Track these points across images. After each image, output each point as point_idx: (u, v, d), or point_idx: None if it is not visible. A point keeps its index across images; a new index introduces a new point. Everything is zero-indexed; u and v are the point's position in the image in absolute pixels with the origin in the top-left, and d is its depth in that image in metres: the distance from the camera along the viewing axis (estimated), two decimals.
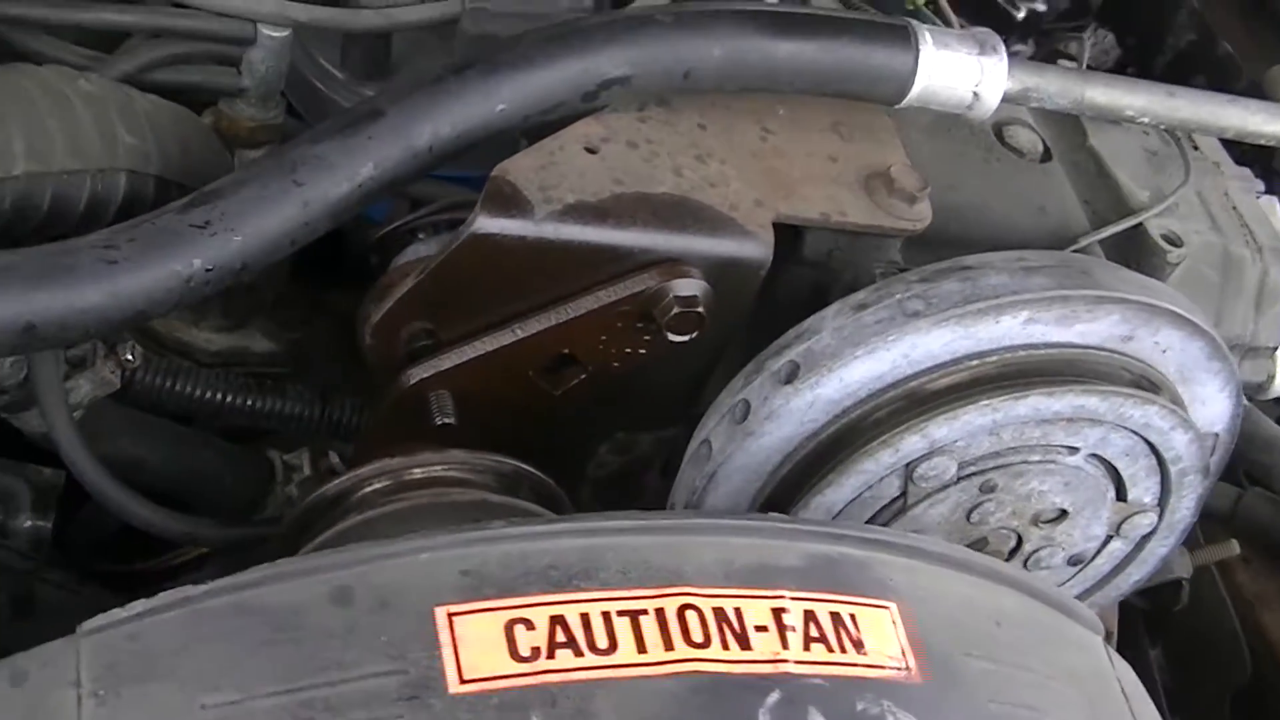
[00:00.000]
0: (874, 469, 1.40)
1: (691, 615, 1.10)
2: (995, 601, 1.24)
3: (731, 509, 1.45)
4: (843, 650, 1.13)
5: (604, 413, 1.51)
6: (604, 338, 1.40)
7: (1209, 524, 2.15)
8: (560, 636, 1.07)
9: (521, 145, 1.41)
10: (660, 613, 1.10)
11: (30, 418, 1.46)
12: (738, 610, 1.12)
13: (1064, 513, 1.50)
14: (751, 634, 1.11)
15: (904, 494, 1.43)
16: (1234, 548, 1.99)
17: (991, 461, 1.43)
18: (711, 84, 1.42)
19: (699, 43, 1.40)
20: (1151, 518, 1.54)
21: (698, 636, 1.09)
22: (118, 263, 1.22)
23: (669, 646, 1.09)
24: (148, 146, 1.40)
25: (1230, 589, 2.14)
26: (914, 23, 1.46)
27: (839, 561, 1.19)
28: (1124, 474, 1.50)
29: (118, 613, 1.09)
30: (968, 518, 1.47)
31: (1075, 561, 1.57)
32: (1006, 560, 1.52)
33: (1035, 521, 1.50)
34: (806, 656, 1.11)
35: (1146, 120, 1.55)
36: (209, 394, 1.58)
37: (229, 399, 1.59)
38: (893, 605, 1.17)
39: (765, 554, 1.17)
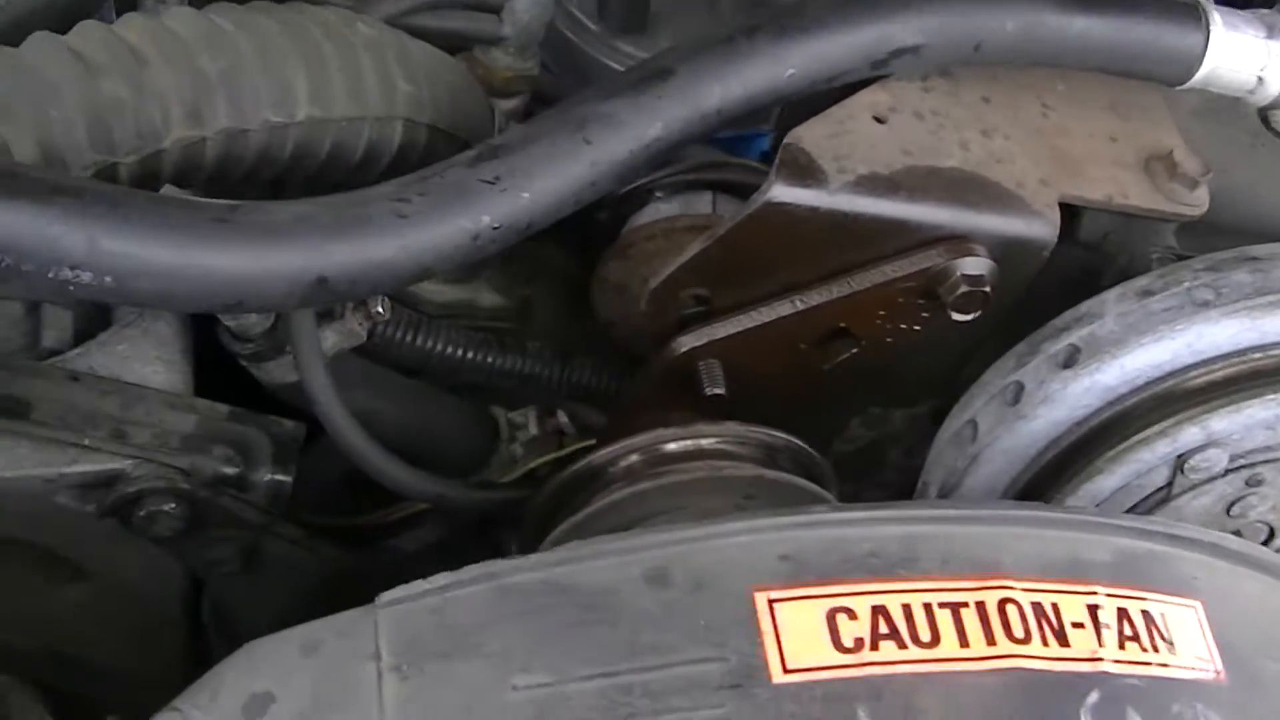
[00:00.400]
0: (1149, 458, 1.37)
1: (1011, 609, 1.08)
2: None
3: (989, 491, 1.43)
4: (1155, 650, 1.10)
5: (865, 387, 1.48)
6: (882, 313, 1.37)
7: None
8: (883, 628, 1.05)
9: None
10: (981, 606, 1.08)
11: (272, 368, 1.43)
12: (1055, 605, 1.09)
13: None
14: (1069, 630, 1.09)
15: (1170, 484, 1.40)
16: None
17: (1261, 455, 1.40)
18: (1000, 57, 1.38)
19: (993, 15, 1.36)
20: None
21: (1019, 632, 1.07)
22: (409, 217, 1.19)
23: (991, 641, 1.06)
24: (422, 95, 1.37)
25: None
26: (1204, 2, 1.42)
27: (1146, 557, 1.17)
28: None
29: (419, 584, 1.08)
30: (1228, 511, 1.44)
31: None
32: None
33: None
34: (1122, 655, 1.09)
35: None
36: (449, 349, 1.55)
37: (469, 355, 1.56)
38: (1198, 604, 1.15)
39: (1077, 548, 1.15)
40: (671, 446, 1.33)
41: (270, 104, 1.26)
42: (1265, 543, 1.49)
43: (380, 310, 1.44)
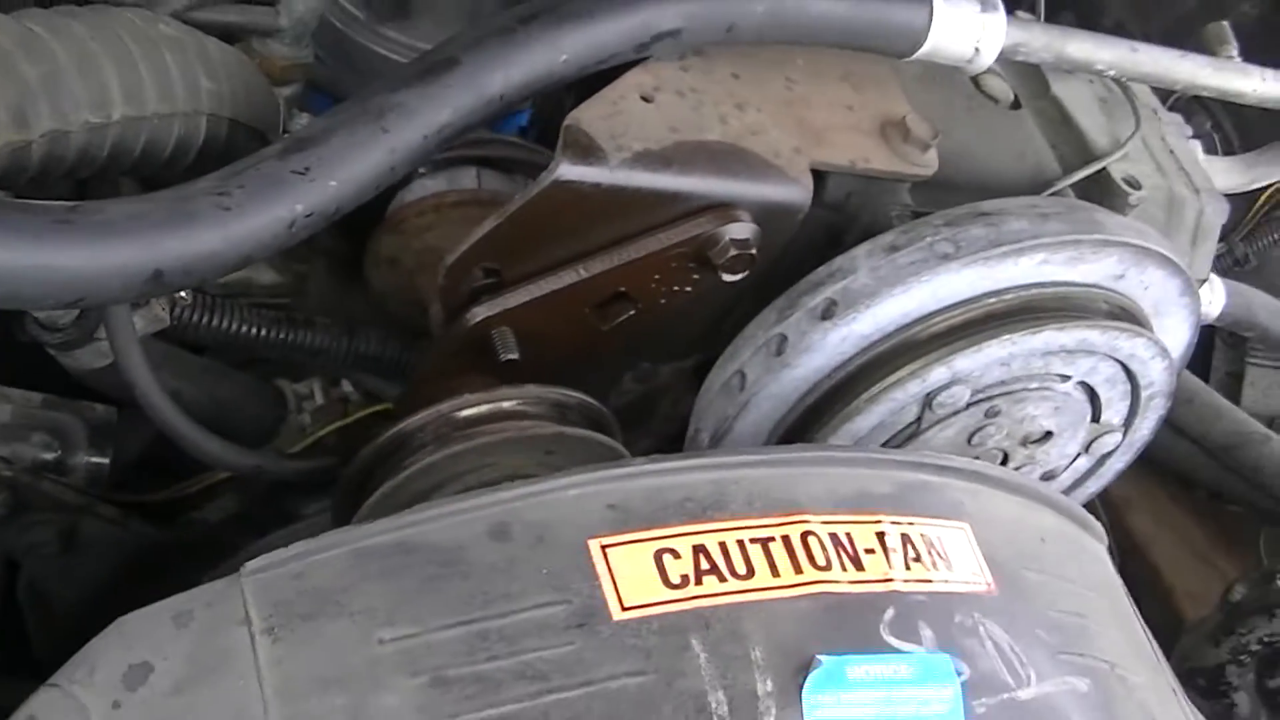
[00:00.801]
0: (902, 397, 1.51)
1: (813, 540, 1.21)
2: (1038, 519, 1.38)
3: (756, 435, 1.56)
4: (936, 569, 1.24)
5: (638, 345, 1.59)
6: (658, 277, 1.48)
7: None
8: (704, 564, 1.17)
9: None
10: (786, 539, 1.20)
11: (81, 354, 1.48)
12: (849, 535, 1.23)
13: (1049, 434, 1.63)
14: (863, 556, 1.22)
15: (919, 419, 1.55)
16: None
17: (998, 390, 1.56)
18: (750, 37, 1.50)
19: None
20: (1117, 437, 1.69)
21: (820, 560, 1.20)
22: (231, 209, 1.25)
23: (798, 570, 1.19)
24: (222, 89, 1.43)
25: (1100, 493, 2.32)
26: None
27: (921, 487, 1.31)
28: (1102, 398, 1.64)
29: (280, 553, 1.15)
30: (969, 440, 1.59)
31: (1047, 477, 1.71)
32: None
33: (1024, 442, 1.63)
34: (909, 575, 1.23)
35: (1113, 73, 1.68)
36: (245, 328, 1.61)
37: (263, 333, 1.63)
38: (966, 526, 1.29)
39: (863, 482, 1.28)
40: (477, 410, 1.42)
41: (88, 105, 1.31)
42: (1000, 465, 1.65)
43: (183, 295, 1.51)
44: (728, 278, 1.46)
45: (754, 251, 1.45)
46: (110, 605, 1.42)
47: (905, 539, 1.25)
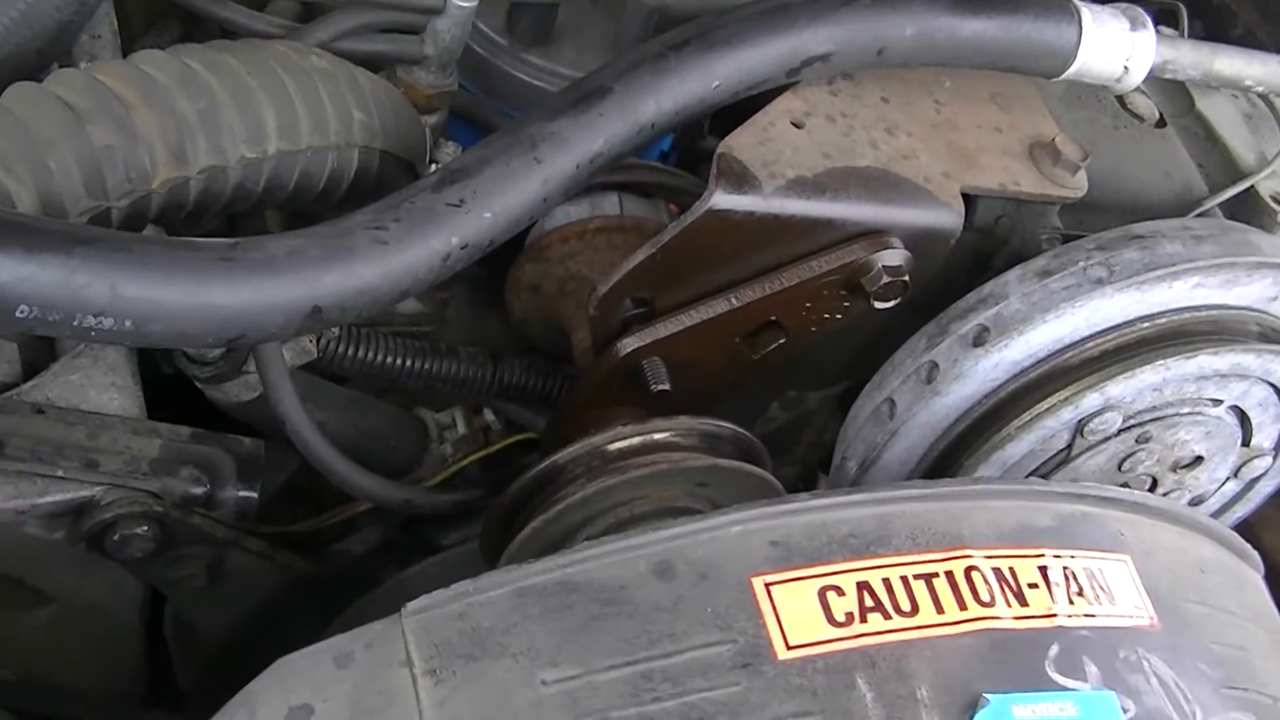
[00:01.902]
0: (1054, 425, 1.50)
1: (976, 576, 1.19)
2: (1198, 550, 1.36)
3: (906, 463, 1.55)
4: (1098, 603, 1.22)
5: (786, 373, 1.58)
6: (808, 305, 1.47)
7: None
8: (869, 601, 1.16)
9: None
10: (950, 575, 1.19)
11: (230, 388, 1.49)
12: (1011, 569, 1.21)
13: (1199, 459, 1.61)
14: (1026, 591, 1.20)
15: (1070, 446, 1.53)
16: None
17: (1150, 415, 1.54)
18: (900, 60, 1.49)
19: (895, 21, 1.46)
20: (1268, 461, 1.67)
21: (985, 596, 1.18)
22: (389, 244, 1.26)
23: (963, 606, 1.18)
24: (373, 121, 1.43)
25: None
26: (1075, 1, 1.54)
27: (1081, 519, 1.29)
28: (1254, 421, 1.62)
29: (441, 593, 1.14)
30: (1119, 466, 1.57)
31: (1195, 502, 1.69)
32: None
33: (1174, 468, 1.61)
34: (1072, 610, 1.21)
35: (1262, 89, 1.66)
36: (390, 359, 1.61)
37: (408, 363, 1.62)
38: (1127, 558, 1.27)
39: (1024, 515, 1.27)
40: (629, 442, 1.41)
41: (245, 140, 1.31)
42: (1149, 492, 1.63)
43: (333, 329, 1.51)
44: (880, 305, 1.45)
45: (906, 278, 1.44)
46: (256, 636, 1.43)
47: (1068, 573, 1.23)
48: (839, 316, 1.49)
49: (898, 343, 1.53)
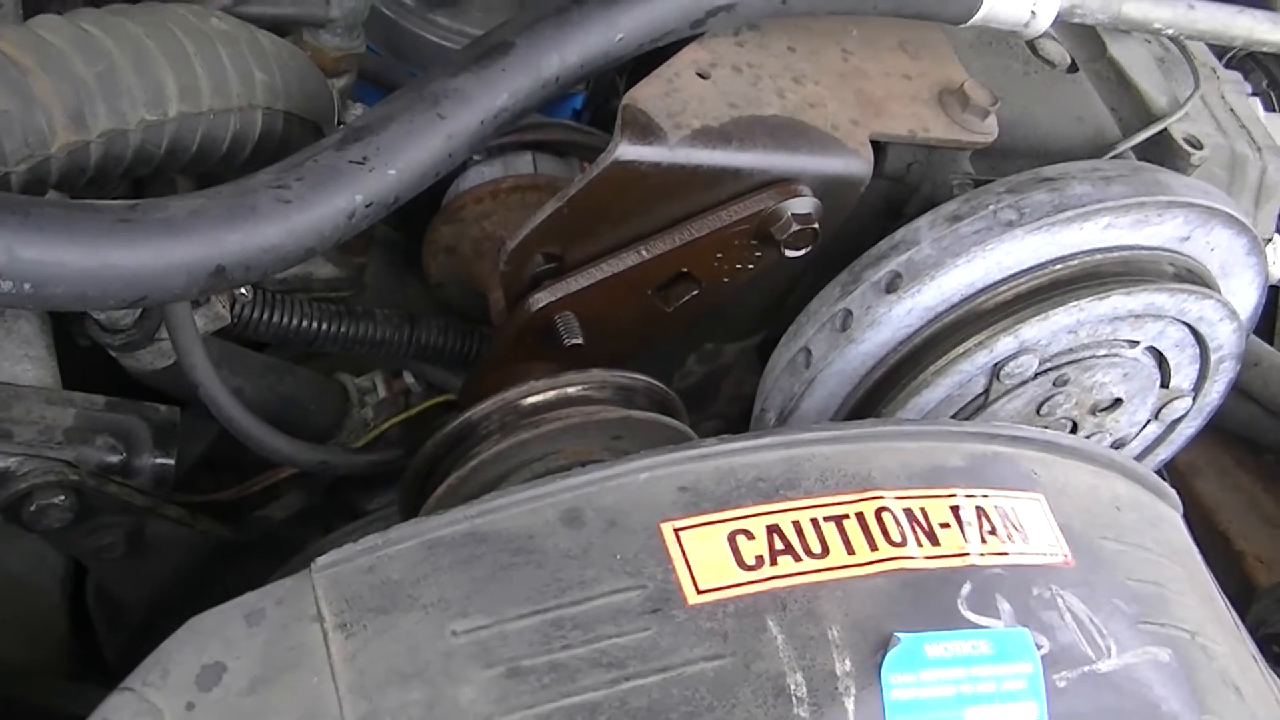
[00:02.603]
0: (969, 369, 1.50)
1: (887, 517, 1.20)
2: (1112, 488, 1.36)
3: (824, 412, 1.55)
4: (1011, 541, 1.23)
5: (702, 325, 1.58)
6: (719, 255, 1.47)
7: None
8: (778, 544, 1.16)
9: None
10: (860, 516, 1.19)
11: (144, 355, 1.48)
12: (923, 510, 1.22)
13: (1118, 401, 1.62)
14: (938, 530, 1.21)
15: (987, 391, 1.53)
16: None
17: (1066, 357, 1.55)
18: (805, 10, 1.49)
19: None
20: (1187, 402, 1.68)
21: (896, 536, 1.19)
22: (291, 202, 1.25)
23: (873, 547, 1.18)
24: (276, 82, 1.42)
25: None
26: None
27: (993, 459, 1.29)
28: (1171, 362, 1.62)
29: (350, 548, 1.14)
30: (1038, 410, 1.58)
31: (1118, 445, 1.69)
32: None
33: (1093, 410, 1.61)
34: (984, 549, 1.21)
35: (1171, 32, 1.66)
36: (306, 323, 1.61)
37: (324, 327, 1.62)
38: (1041, 496, 1.28)
39: (935, 455, 1.27)
40: (542, 396, 1.41)
41: (145, 104, 1.31)
42: (1070, 434, 1.63)
43: (244, 292, 1.50)
44: (791, 253, 1.45)
45: (816, 226, 1.44)
46: (179, 606, 1.43)
47: (980, 512, 1.23)
48: (751, 266, 1.49)
49: (813, 292, 1.53)
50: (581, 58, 1.40)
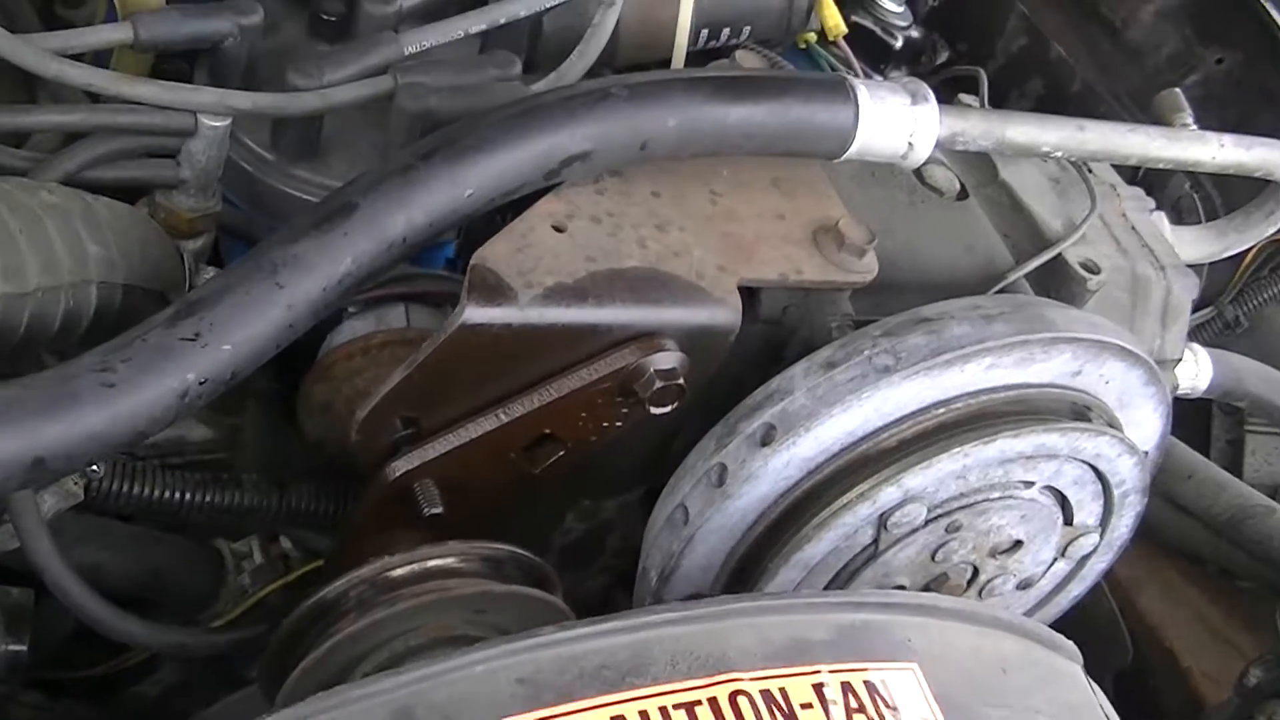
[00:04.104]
0: (853, 521, 1.43)
1: (743, 701, 1.13)
2: (998, 648, 1.30)
3: (706, 569, 1.49)
4: (881, 717, 1.16)
5: (576, 484, 1.52)
6: (584, 414, 1.41)
7: None
8: None
9: None
10: (714, 702, 1.13)
11: None
12: (783, 690, 1.15)
13: (1019, 543, 1.55)
14: (799, 712, 1.15)
15: (875, 541, 1.47)
16: None
17: (957, 503, 1.48)
18: (667, 153, 1.44)
19: (655, 114, 1.41)
20: (1094, 538, 1.61)
21: None
22: (116, 385, 1.19)
23: None
24: (112, 254, 1.37)
25: (1105, 575, 2.22)
26: (850, 79, 1.49)
27: (863, 629, 1.23)
28: (1072, 501, 1.56)
29: None
30: (932, 557, 1.51)
31: (1024, 586, 1.63)
32: (964, 591, 1.58)
33: (993, 553, 1.55)
34: None
35: (1060, 154, 1.61)
36: (167, 494, 1.55)
37: (188, 497, 1.56)
38: (915, 665, 1.21)
39: (797, 629, 1.21)
40: (398, 572, 1.35)
41: None
42: (971, 580, 1.57)
43: (95, 469, 1.45)
44: (656, 410, 1.39)
45: (681, 382, 1.38)
46: None
47: (847, 689, 1.17)
48: (619, 424, 1.43)
49: (696, 440, 1.47)
50: (429, 217, 1.35)
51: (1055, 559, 1.62)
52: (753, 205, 1.51)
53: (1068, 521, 1.58)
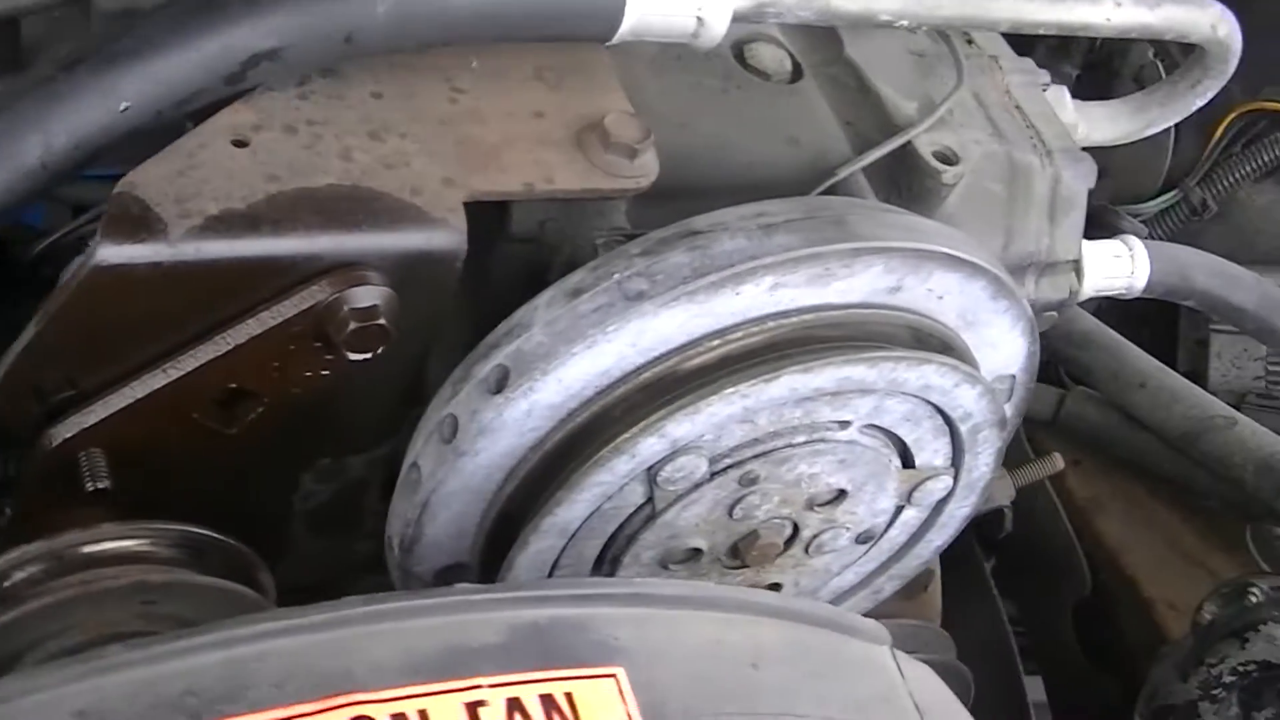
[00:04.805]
0: (610, 479, 1.20)
1: None
2: (751, 639, 1.06)
3: (457, 536, 1.26)
4: None
5: (297, 442, 1.30)
6: (276, 364, 1.18)
7: (1034, 429, 2.01)
8: None
9: None
10: None
11: None
12: (422, 713, 0.93)
13: (843, 492, 1.31)
14: None
15: (651, 500, 1.24)
16: (1057, 462, 1.82)
17: (749, 451, 1.25)
18: (382, 46, 1.20)
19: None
20: (946, 481, 1.36)
21: None
22: None
23: None
24: None
25: (1062, 496, 1.98)
26: None
27: (549, 628, 1.00)
28: (907, 440, 1.32)
29: None
30: (730, 514, 1.28)
31: (865, 539, 1.39)
32: (784, 550, 1.34)
33: (811, 505, 1.31)
34: None
35: (906, 24, 1.35)
36: None
37: None
38: (619, 671, 0.98)
39: (455, 635, 0.98)
40: (42, 563, 1.14)
41: None
42: (790, 540, 1.33)
43: None
44: (355, 356, 1.17)
45: (382, 322, 1.15)
46: None
47: (514, 706, 0.94)
48: (324, 373, 1.20)
49: None
50: (75, 138, 1.13)
51: (901, 507, 1.37)
52: (505, 102, 1.26)
53: (907, 464, 1.33)
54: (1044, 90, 1.56)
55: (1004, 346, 1.34)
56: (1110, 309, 1.99)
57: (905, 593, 1.73)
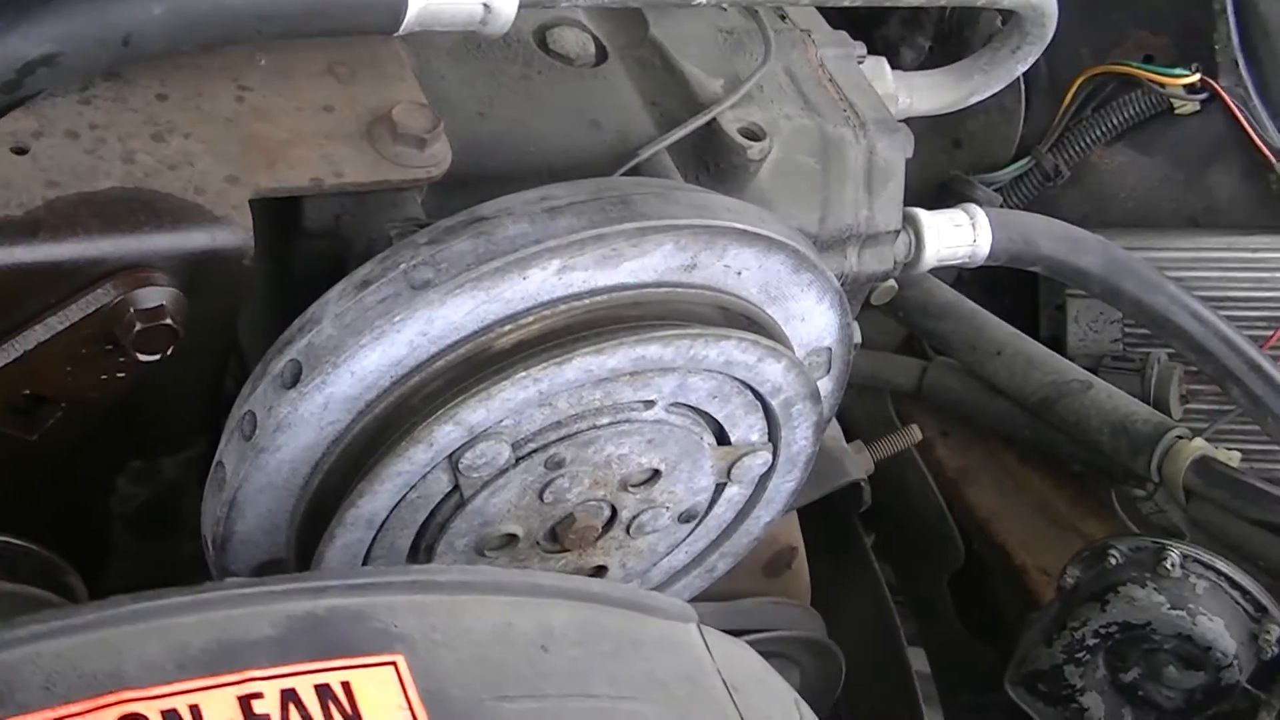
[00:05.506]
0: (410, 469, 1.20)
1: None
2: (542, 622, 1.06)
3: (269, 533, 1.26)
4: None
5: (103, 446, 1.29)
6: (69, 369, 1.18)
7: (901, 402, 2.02)
8: None
9: None
10: None
11: None
12: (194, 707, 0.93)
13: (656, 472, 1.31)
14: None
15: (458, 487, 1.24)
16: (915, 434, 1.83)
17: (552, 435, 1.25)
18: (162, 48, 1.19)
19: (134, 2, 1.16)
20: (764, 456, 1.37)
21: None
22: None
23: None
24: None
25: (932, 468, 1.99)
26: None
27: (326, 619, 1.00)
28: (718, 417, 1.32)
29: None
30: (540, 498, 1.28)
31: (689, 518, 1.39)
32: (604, 532, 1.34)
33: (625, 486, 1.31)
34: None
35: (711, 0, 1.35)
36: None
37: None
38: (399, 658, 0.98)
39: (226, 629, 0.98)
40: None
41: None
42: (610, 522, 1.34)
43: None
44: (145, 358, 1.16)
45: (169, 321, 1.15)
46: None
47: (289, 697, 0.95)
48: (120, 375, 1.20)
49: None
50: None
51: (722, 484, 1.38)
52: (293, 99, 1.26)
53: (723, 441, 1.34)
54: (860, 62, 1.56)
55: (814, 319, 1.34)
56: (972, 279, 2.00)
57: (769, 570, 1.74)
